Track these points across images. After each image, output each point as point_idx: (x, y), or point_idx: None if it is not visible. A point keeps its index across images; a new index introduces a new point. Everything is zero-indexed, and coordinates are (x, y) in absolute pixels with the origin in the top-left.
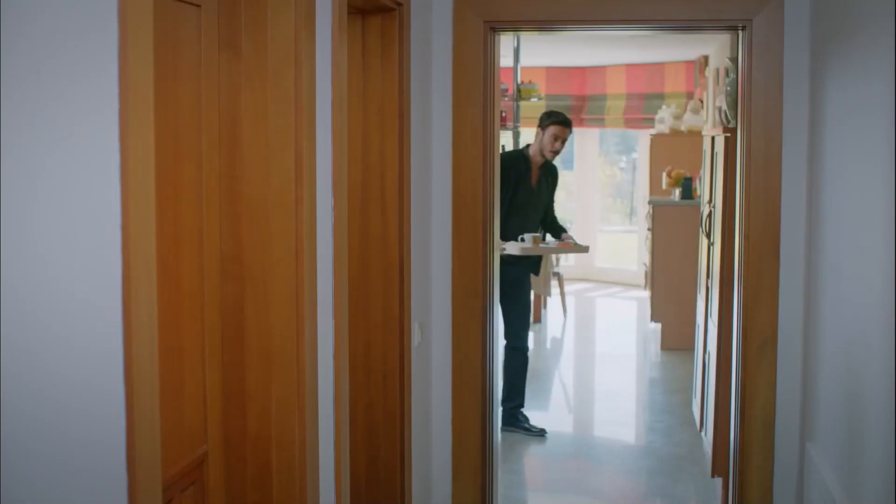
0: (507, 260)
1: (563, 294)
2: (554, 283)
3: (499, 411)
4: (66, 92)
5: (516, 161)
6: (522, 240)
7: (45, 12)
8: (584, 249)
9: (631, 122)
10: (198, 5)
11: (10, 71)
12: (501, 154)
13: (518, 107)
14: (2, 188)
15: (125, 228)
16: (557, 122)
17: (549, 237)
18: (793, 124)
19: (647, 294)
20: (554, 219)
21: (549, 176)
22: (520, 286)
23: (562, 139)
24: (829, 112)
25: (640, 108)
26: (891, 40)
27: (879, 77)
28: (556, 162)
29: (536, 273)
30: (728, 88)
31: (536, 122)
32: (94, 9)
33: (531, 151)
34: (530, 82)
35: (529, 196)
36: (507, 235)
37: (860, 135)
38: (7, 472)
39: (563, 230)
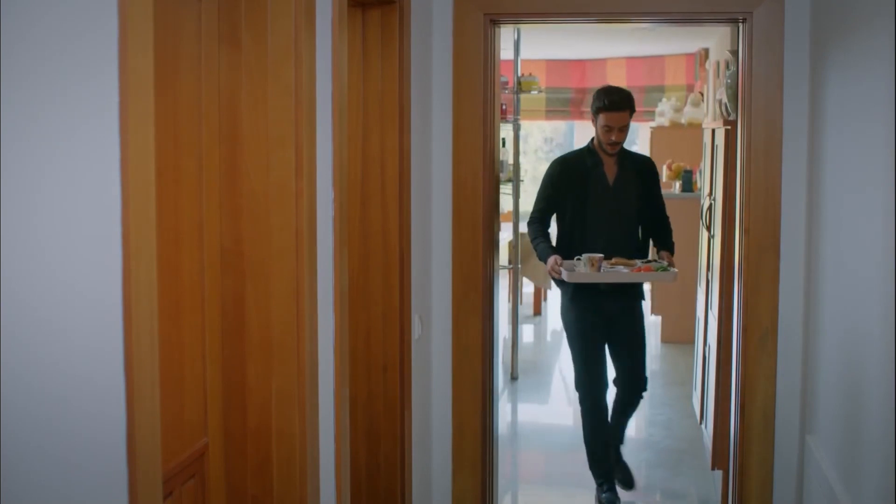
0: (602, 288)
1: None
2: None
3: (498, 403)
4: (66, 89)
5: (576, 161)
6: (579, 260)
7: (45, 12)
8: (671, 278)
9: None
10: None
11: (10, 71)
12: (560, 159)
13: (518, 99)
14: (2, 185)
15: (125, 222)
16: (604, 107)
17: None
18: (793, 117)
19: (647, 286)
20: (664, 226)
21: (639, 170)
22: (629, 316)
23: (618, 128)
24: (829, 105)
25: (641, 101)
26: (891, 35)
27: (879, 70)
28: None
29: (643, 297)
30: (728, 81)
31: (537, 114)
32: (94, 4)
33: (595, 144)
34: (530, 75)
35: (607, 198)
36: (585, 252)
37: (860, 127)
38: (7, 467)
39: (671, 242)
